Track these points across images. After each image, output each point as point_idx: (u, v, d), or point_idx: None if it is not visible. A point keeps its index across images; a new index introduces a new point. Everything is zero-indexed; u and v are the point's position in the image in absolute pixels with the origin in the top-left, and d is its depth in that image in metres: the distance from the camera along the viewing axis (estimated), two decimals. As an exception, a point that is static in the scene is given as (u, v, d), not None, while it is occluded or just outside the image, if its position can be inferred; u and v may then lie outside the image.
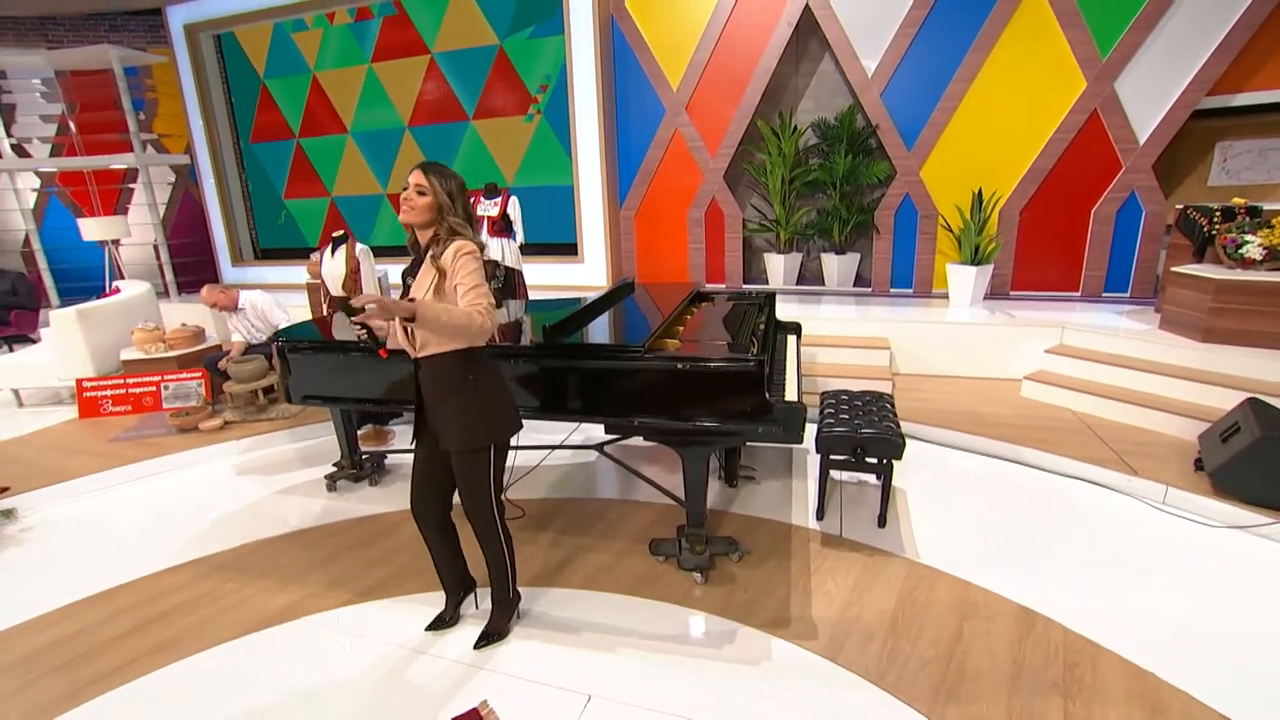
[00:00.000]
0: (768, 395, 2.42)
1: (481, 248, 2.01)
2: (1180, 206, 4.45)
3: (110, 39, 7.64)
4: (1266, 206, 4.16)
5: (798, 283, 6.47)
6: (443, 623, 2.37)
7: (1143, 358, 4.05)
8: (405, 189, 1.92)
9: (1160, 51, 4.78)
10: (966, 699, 1.99)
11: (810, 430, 3.05)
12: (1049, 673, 2.08)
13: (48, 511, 3.47)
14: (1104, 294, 5.31)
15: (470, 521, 2.19)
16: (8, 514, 3.32)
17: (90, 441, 4.13)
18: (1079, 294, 5.39)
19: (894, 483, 3.42)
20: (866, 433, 2.91)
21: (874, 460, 2.93)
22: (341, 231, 4.09)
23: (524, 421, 2.24)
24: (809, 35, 5.80)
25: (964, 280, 5.15)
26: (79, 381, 4.50)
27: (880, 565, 2.71)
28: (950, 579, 2.60)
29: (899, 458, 2.91)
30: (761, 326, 3.17)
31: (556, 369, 2.63)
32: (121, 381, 4.54)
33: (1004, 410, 4.11)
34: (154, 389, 4.52)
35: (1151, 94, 4.87)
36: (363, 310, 1.79)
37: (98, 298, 5.83)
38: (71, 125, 7.43)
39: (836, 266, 6.15)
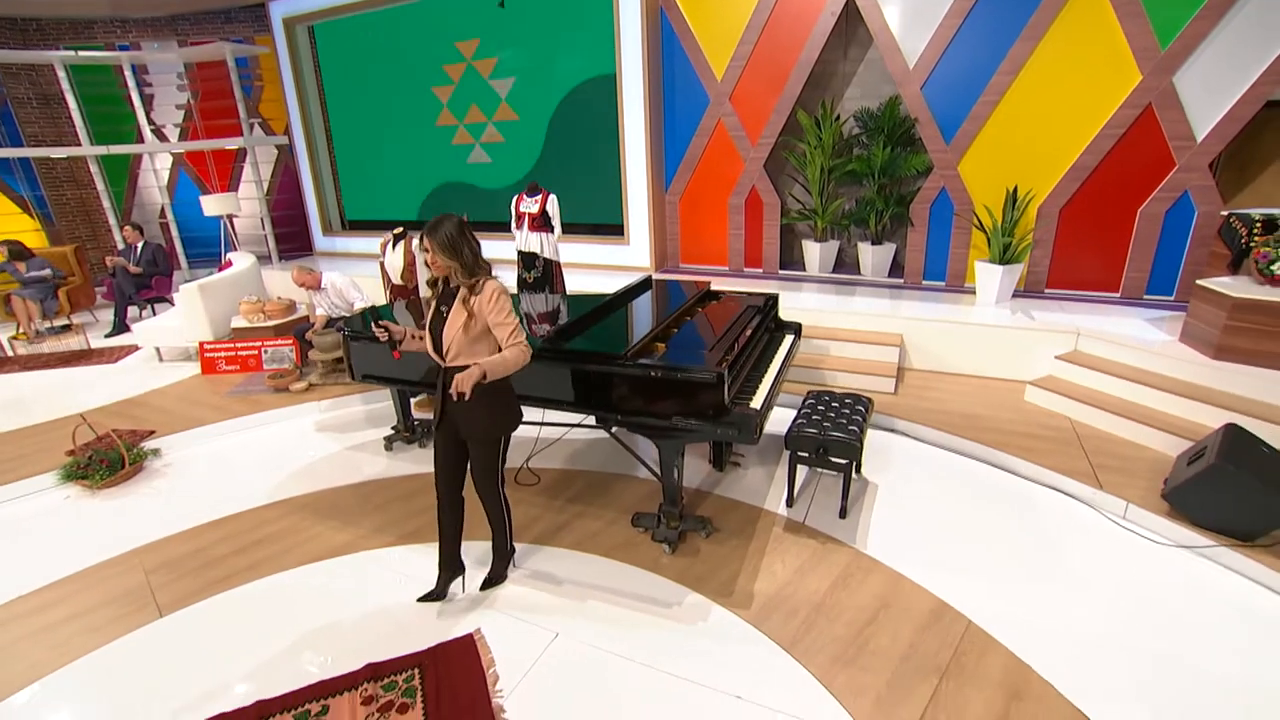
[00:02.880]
0: (726, 401, 2.83)
1: (490, 271, 2.52)
2: (1225, 213, 4.27)
3: (224, 30, 8.63)
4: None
5: (834, 270, 6.60)
6: (433, 597, 2.82)
7: (1151, 370, 4.05)
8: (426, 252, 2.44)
9: (1228, 41, 4.48)
10: (857, 669, 2.41)
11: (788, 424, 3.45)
12: (937, 657, 2.45)
13: (182, 451, 4.43)
14: (1145, 296, 5.16)
15: (479, 493, 2.76)
16: (155, 452, 4.30)
17: (209, 396, 5.11)
18: (1118, 295, 5.26)
19: (870, 477, 3.77)
20: (831, 435, 3.25)
21: (836, 460, 3.27)
22: (401, 229, 4.72)
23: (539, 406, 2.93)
24: (858, 21, 5.76)
25: (991, 278, 5.16)
26: (201, 344, 5.51)
27: (827, 552, 3.10)
28: (886, 570, 2.96)
29: (857, 460, 3.24)
30: (748, 333, 3.52)
31: (559, 369, 3.13)
32: (232, 345, 5.51)
33: (1002, 415, 4.24)
34: (256, 352, 5.46)
35: (1215, 87, 4.59)
36: (387, 330, 2.40)
37: (218, 268, 6.90)
38: (194, 111, 8.54)
39: (871, 256, 6.23)
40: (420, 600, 2.82)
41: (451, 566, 2.83)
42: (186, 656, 2.59)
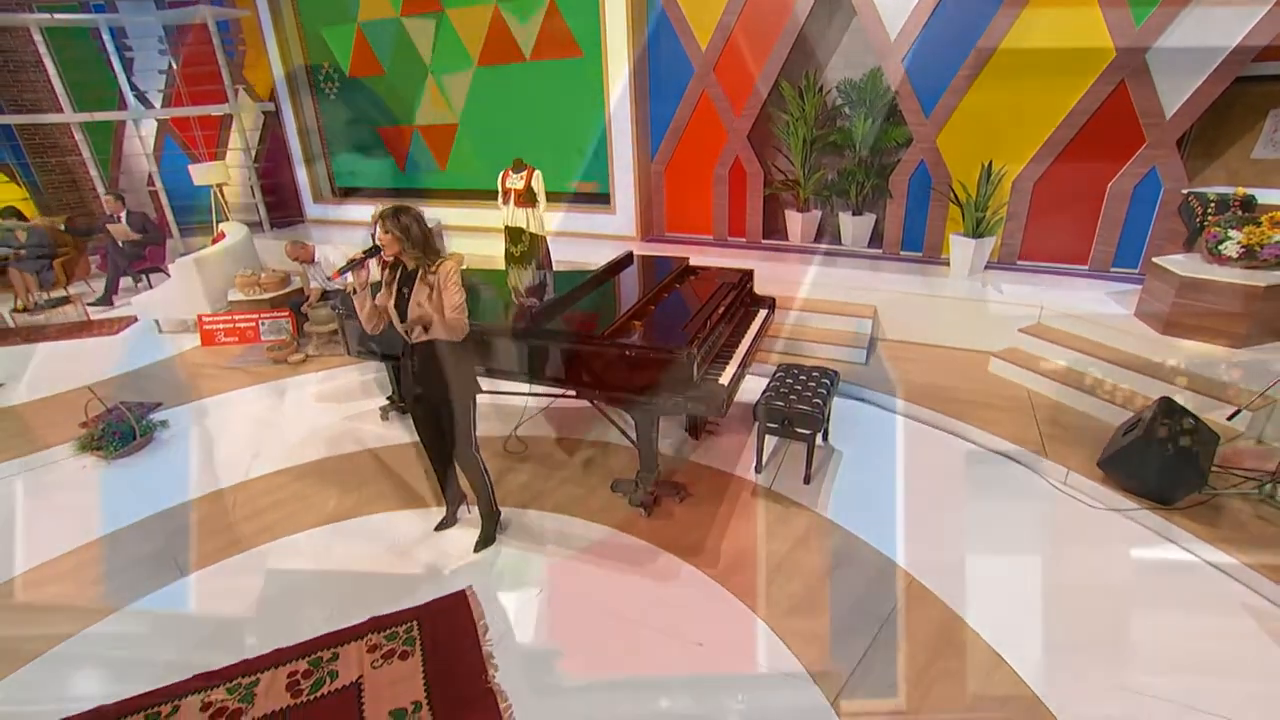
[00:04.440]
0: (695, 378, 3.05)
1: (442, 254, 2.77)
2: (1184, 191, 4.43)
3: (204, -10, 8.44)
4: (1265, 199, 4.12)
5: (816, 240, 6.74)
6: (444, 525, 3.34)
7: (1105, 344, 4.28)
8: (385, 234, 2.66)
9: (1199, 18, 4.54)
10: (806, 617, 2.71)
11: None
12: (880, 608, 2.75)
13: (188, 422, 4.65)
14: (1112, 270, 5.35)
15: (458, 460, 3.06)
16: (164, 423, 4.52)
17: (210, 368, 5.31)
18: (1087, 268, 5.45)
19: (837, 444, 4.04)
20: (797, 408, 3.49)
21: (801, 430, 3.52)
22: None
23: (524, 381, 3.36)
24: (842, -11, 5.74)
25: (964, 251, 5.33)
26: (200, 316, 5.67)
27: (790, 515, 3.38)
28: (843, 532, 3.25)
29: (820, 431, 3.49)
30: (720, 310, 3.71)
31: (540, 347, 3.33)
32: (230, 317, 5.67)
33: (966, 385, 4.48)
34: (254, 324, 5.63)
35: (1185, 65, 4.66)
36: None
37: (212, 240, 6.99)
38: (177, 76, 8.44)
39: (852, 227, 6.37)
40: (436, 529, 3.33)
41: (455, 499, 3.36)
42: (209, 611, 2.87)
